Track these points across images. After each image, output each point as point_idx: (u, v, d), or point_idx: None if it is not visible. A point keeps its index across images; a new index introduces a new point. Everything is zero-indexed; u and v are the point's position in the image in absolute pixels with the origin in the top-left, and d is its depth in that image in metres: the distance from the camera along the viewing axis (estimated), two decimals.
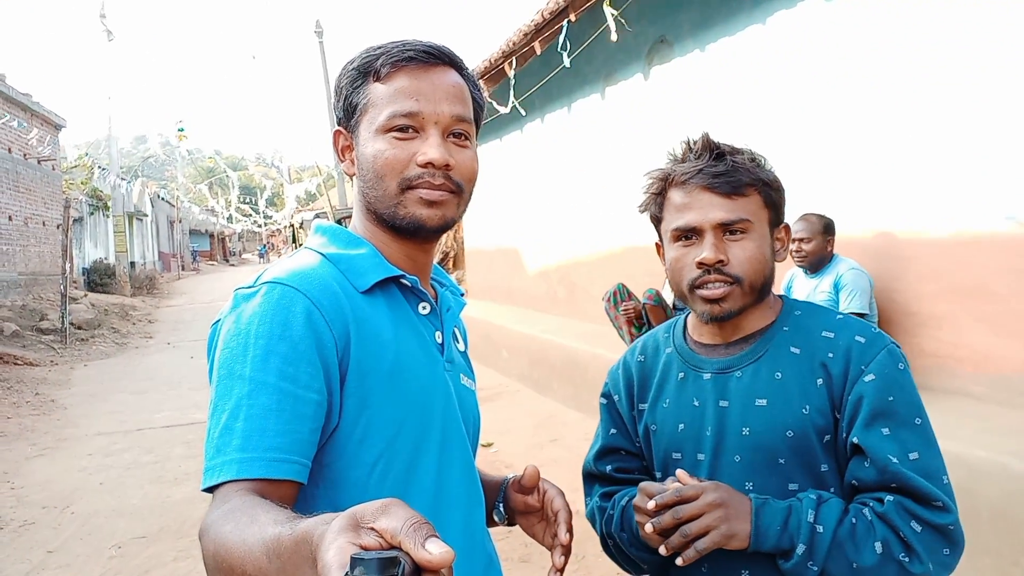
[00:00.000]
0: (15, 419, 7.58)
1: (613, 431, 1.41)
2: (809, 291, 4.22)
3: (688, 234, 1.24)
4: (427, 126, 1.09)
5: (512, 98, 6.83)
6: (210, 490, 0.94)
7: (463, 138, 1.13)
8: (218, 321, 1.07)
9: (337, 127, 1.18)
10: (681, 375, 1.31)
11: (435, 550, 0.58)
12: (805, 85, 4.64)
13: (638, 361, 1.40)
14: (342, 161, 1.18)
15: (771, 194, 1.28)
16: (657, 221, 1.32)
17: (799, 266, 4.19)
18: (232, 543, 0.80)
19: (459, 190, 1.12)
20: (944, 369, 3.87)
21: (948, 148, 3.77)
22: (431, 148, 1.08)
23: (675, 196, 1.26)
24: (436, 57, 1.12)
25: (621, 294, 5.35)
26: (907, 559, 1.11)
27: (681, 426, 1.28)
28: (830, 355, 1.21)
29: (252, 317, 0.99)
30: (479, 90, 1.19)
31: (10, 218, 15.53)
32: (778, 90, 4.87)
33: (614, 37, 5.50)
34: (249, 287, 1.05)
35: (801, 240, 4.10)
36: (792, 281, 4.42)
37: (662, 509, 1.12)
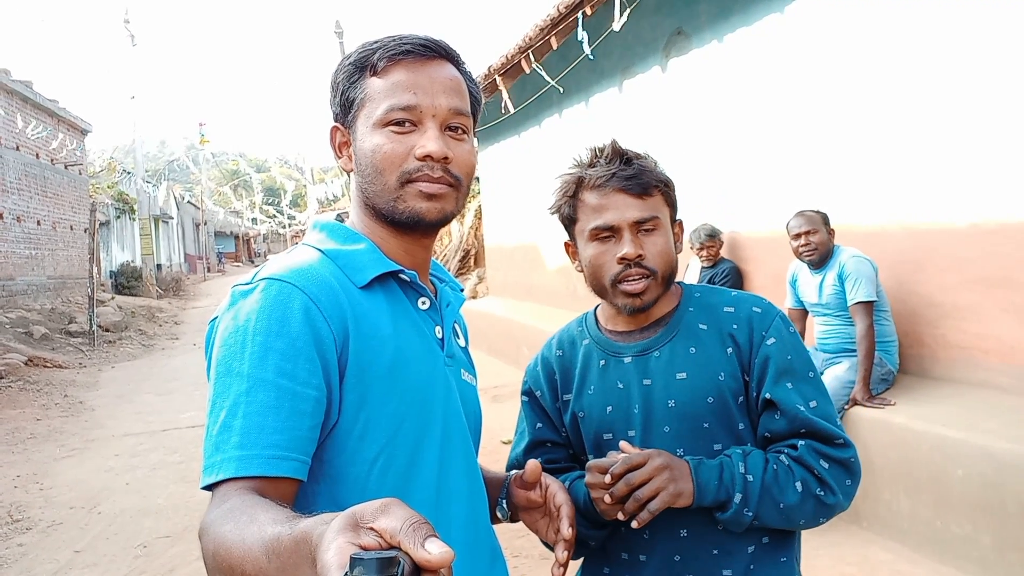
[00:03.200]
0: (44, 421, 7.71)
1: (539, 425, 1.49)
2: (815, 287, 4.16)
3: (606, 233, 1.35)
4: (425, 119, 1.08)
5: (541, 82, 6.81)
6: (210, 488, 0.94)
7: (460, 131, 1.12)
8: (216, 318, 1.06)
9: (334, 123, 1.17)
10: (602, 362, 1.42)
11: (434, 550, 0.58)
12: (825, 74, 4.58)
13: (557, 355, 1.50)
14: (339, 157, 1.17)
15: (670, 193, 1.40)
16: (570, 222, 1.43)
17: (807, 260, 4.13)
18: (231, 543, 0.80)
19: (458, 183, 1.12)
20: (970, 361, 3.80)
21: (969, 137, 3.70)
22: (429, 141, 1.07)
23: (590, 198, 1.37)
24: (433, 50, 1.11)
25: None
26: (823, 493, 1.27)
27: (609, 408, 1.38)
28: (734, 326, 1.35)
29: (250, 314, 0.99)
30: (475, 83, 1.18)
31: (38, 223, 15.80)
32: (797, 80, 4.81)
33: (617, 28, 5.45)
34: (247, 284, 1.04)
35: (807, 233, 4.06)
36: (796, 278, 4.34)
37: (616, 480, 1.21)
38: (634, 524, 1.20)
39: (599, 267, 1.36)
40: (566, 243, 1.47)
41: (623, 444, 1.27)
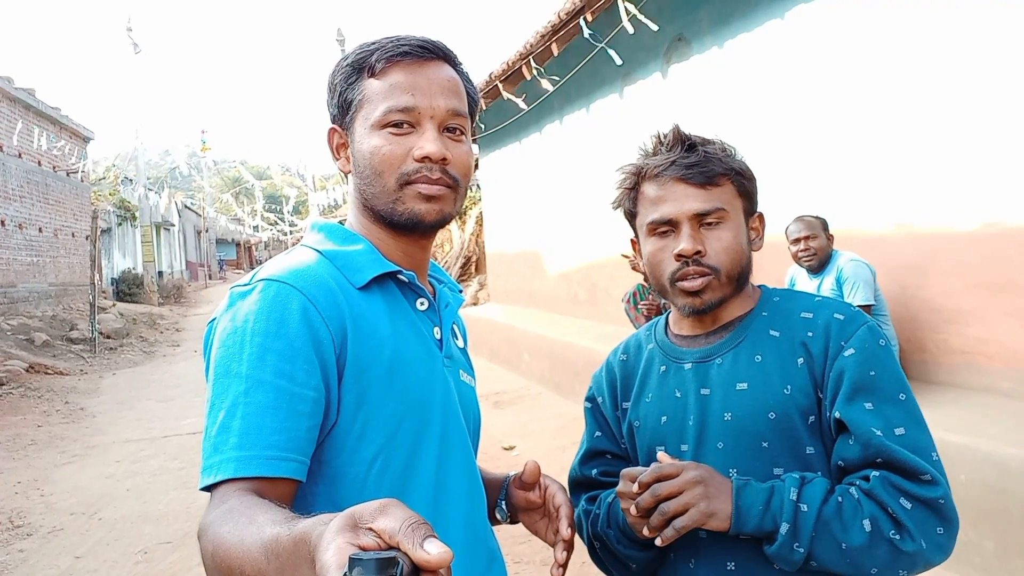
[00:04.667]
0: (45, 427, 7.71)
1: (598, 434, 1.38)
2: (814, 292, 4.15)
3: (664, 227, 1.23)
4: (423, 121, 1.08)
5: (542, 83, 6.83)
6: (209, 489, 0.93)
7: (458, 132, 1.12)
8: (214, 319, 1.06)
9: (331, 125, 1.17)
10: (663, 368, 1.29)
11: (433, 550, 0.58)
12: (826, 80, 4.58)
13: (620, 360, 1.38)
14: (337, 159, 1.17)
15: (744, 183, 1.26)
16: (632, 216, 1.31)
17: (806, 265, 4.14)
18: (230, 544, 0.80)
19: (456, 184, 1.11)
20: (973, 366, 3.79)
21: (972, 141, 3.70)
22: (428, 142, 1.07)
23: (649, 189, 1.25)
24: (430, 51, 1.11)
25: (641, 294, 5.31)
26: (898, 537, 1.06)
27: (664, 418, 1.25)
28: (809, 334, 1.19)
29: (248, 315, 0.99)
30: (473, 84, 1.18)
31: (40, 230, 15.82)
32: (798, 85, 4.82)
33: (630, 29, 5.46)
34: (245, 285, 1.04)
35: (807, 238, 4.07)
36: (794, 283, 4.35)
37: (644, 490, 1.09)
38: (658, 542, 1.09)
39: (657, 264, 1.24)
40: (632, 240, 1.36)
41: (660, 454, 1.16)
